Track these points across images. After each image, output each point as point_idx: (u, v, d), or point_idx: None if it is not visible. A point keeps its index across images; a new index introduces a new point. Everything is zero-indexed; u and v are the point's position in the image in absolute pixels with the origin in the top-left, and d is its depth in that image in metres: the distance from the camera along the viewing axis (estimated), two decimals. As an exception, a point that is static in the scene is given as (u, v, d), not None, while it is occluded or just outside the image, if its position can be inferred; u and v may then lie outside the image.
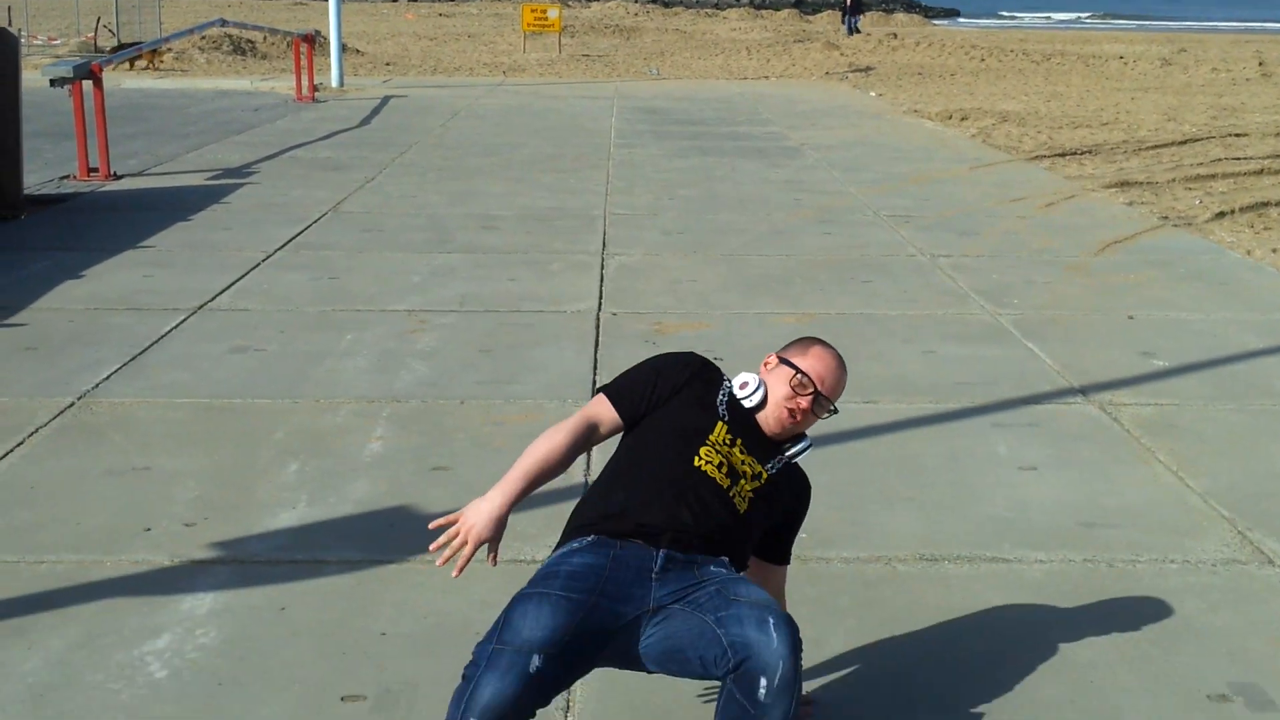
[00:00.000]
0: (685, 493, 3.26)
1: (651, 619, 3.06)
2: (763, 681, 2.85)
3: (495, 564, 3.25)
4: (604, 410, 3.46)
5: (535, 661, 2.92)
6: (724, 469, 3.31)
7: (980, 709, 3.82)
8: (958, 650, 4.18)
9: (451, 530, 3.27)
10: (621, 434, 3.53)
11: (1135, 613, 4.42)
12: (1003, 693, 3.90)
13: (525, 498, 3.36)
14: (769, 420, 3.45)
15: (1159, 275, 9.38)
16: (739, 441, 3.39)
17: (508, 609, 3.08)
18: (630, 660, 3.10)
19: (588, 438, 3.43)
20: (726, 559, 3.21)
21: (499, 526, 3.28)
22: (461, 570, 3.24)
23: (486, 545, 3.30)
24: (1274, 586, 4.63)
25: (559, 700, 3.70)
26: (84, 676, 3.90)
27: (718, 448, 3.34)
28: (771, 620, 2.93)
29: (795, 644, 2.91)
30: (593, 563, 3.16)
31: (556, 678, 2.97)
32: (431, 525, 3.26)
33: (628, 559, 3.16)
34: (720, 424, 3.40)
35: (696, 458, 3.31)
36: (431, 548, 3.28)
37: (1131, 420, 6.27)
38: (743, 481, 3.33)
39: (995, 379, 6.89)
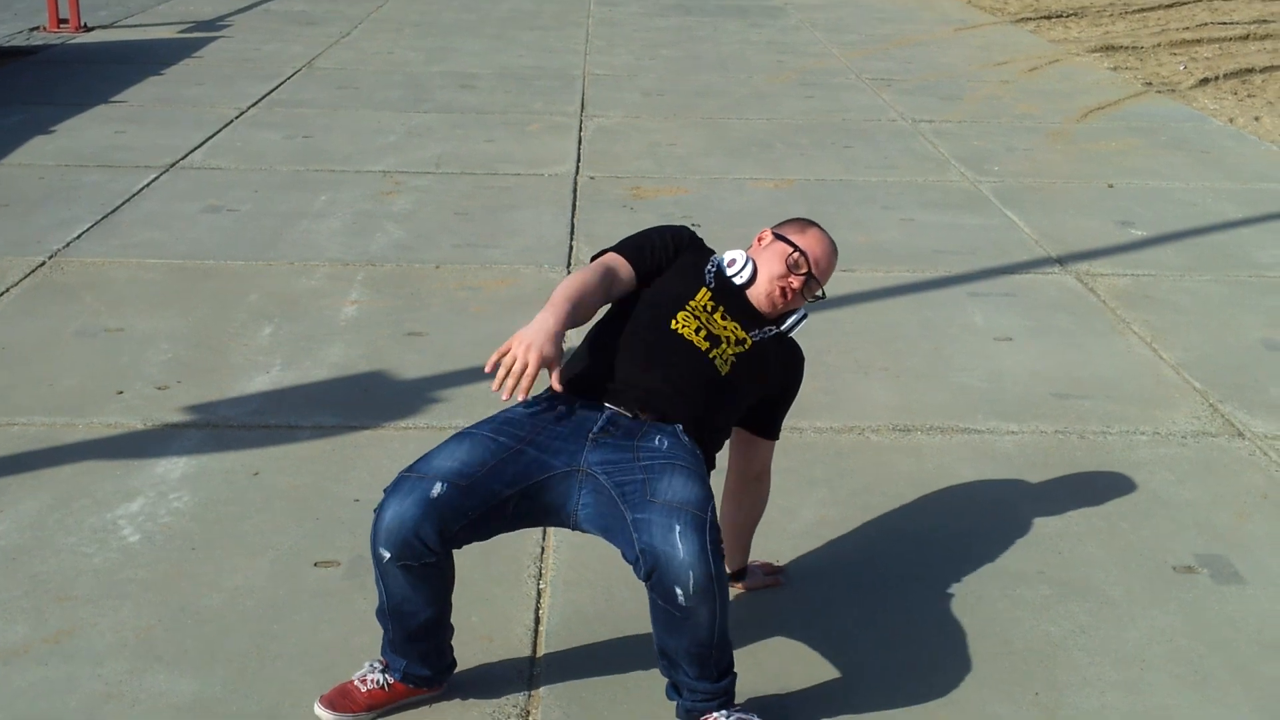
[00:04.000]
0: (656, 353, 3.19)
1: (583, 485, 2.99)
2: (678, 590, 2.77)
3: (560, 388, 3.03)
4: (617, 263, 3.36)
5: (438, 488, 2.88)
6: (702, 333, 3.24)
7: (949, 580, 3.86)
8: (928, 521, 4.21)
9: (506, 357, 3.00)
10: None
11: (1105, 484, 4.45)
12: (971, 564, 3.94)
13: (572, 325, 3.12)
14: (759, 297, 3.40)
15: (1140, 143, 9.32)
16: (721, 308, 3.34)
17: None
18: (566, 521, 3.03)
19: (609, 284, 3.28)
20: (679, 426, 3.12)
21: (558, 343, 3.04)
22: (527, 392, 2.98)
23: (547, 369, 3.02)
24: (1243, 459, 4.67)
25: (529, 590, 3.73)
26: (56, 539, 3.91)
27: (696, 313, 3.28)
28: (679, 528, 2.81)
29: (704, 548, 2.80)
30: (534, 412, 3.10)
31: (462, 509, 2.89)
32: (488, 366, 3.01)
33: (570, 415, 3.10)
34: (704, 289, 3.35)
35: (673, 321, 3.26)
36: (494, 387, 2.97)
37: (1107, 290, 6.27)
38: (724, 345, 3.26)
39: (973, 248, 6.87)
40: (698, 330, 3.25)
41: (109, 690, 3.26)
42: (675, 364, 3.19)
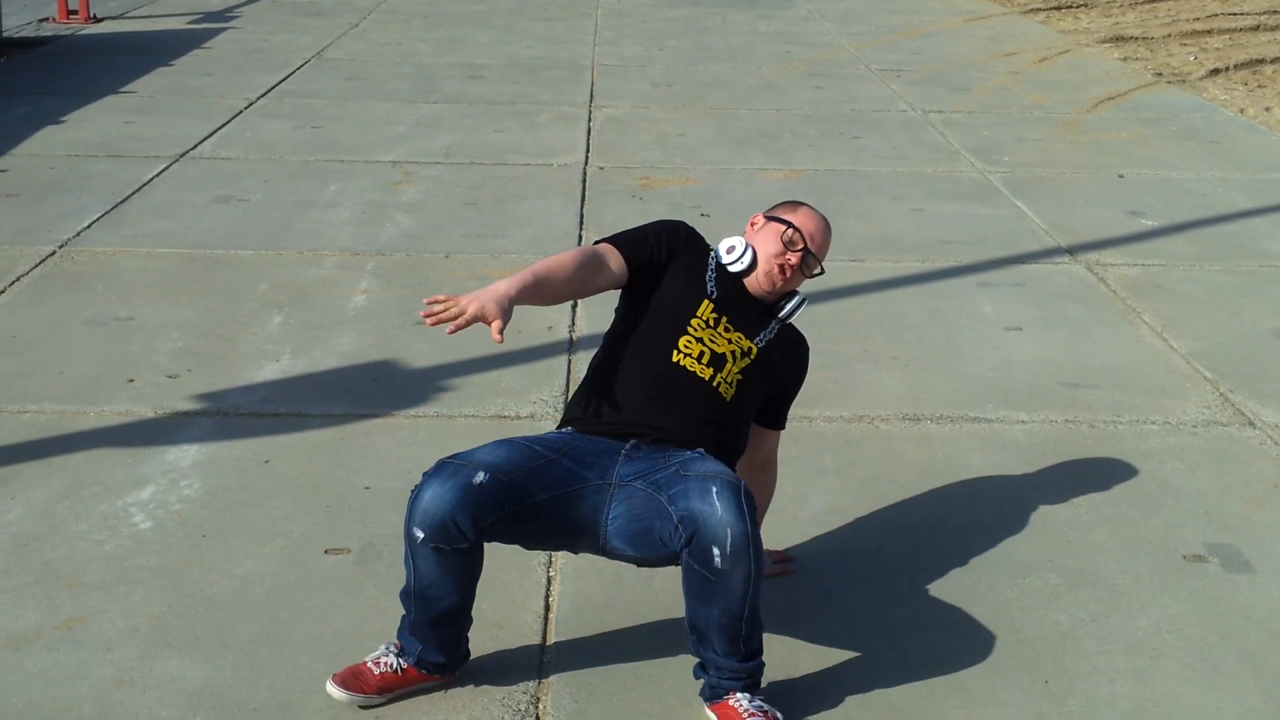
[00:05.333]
0: (661, 393, 3.25)
1: (615, 496, 3.04)
2: (715, 551, 2.83)
3: (500, 339, 3.03)
4: (609, 253, 3.39)
5: (480, 476, 2.92)
6: (705, 358, 3.27)
7: (959, 568, 3.85)
8: (937, 509, 4.21)
9: (447, 299, 3.07)
10: (619, 301, 3.48)
11: (1115, 473, 4.45)
12: (981, 553, 3.94)
13: (532, 297, 3.17)
14: (759, 280, 3.42)
15: (1151, 133, 9.30)
16: (724, 320, 3.35)
17: None
18: (597, 539, 3.06)
19: (594, 269, 3.32)
20: (702, 450, 3.18)
21: (503, 306, 3.06)
22: (455, 329, 3.02)
23: (483, 321, 3.05)
24: (1253, 448, 4.66)
25: (539, 578, 3.74)
26: (67, 527, 3.92)
27: (698, 333, 3.30)
28: (715, 489, 2.88)
29: (741, 508, 2.87)
30: (565, 434, 3.21)
31: (500, 503, 2.93)
32: (426, 300, 3.08)
33: (600, 440, 3.19)
34: (706, 302, 3.37)
35: (674, 352, 3.28)
36: (421, 314, 3.07)
37: (1118, 280, 6.26)
38: (729, 365, 3.29)
39: (983, 238, 6.86)
40: (700, 356, 3.28)
41: (120, 676, 3.26)
42: (681, 402, 3.25)
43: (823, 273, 3.54)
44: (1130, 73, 11.57)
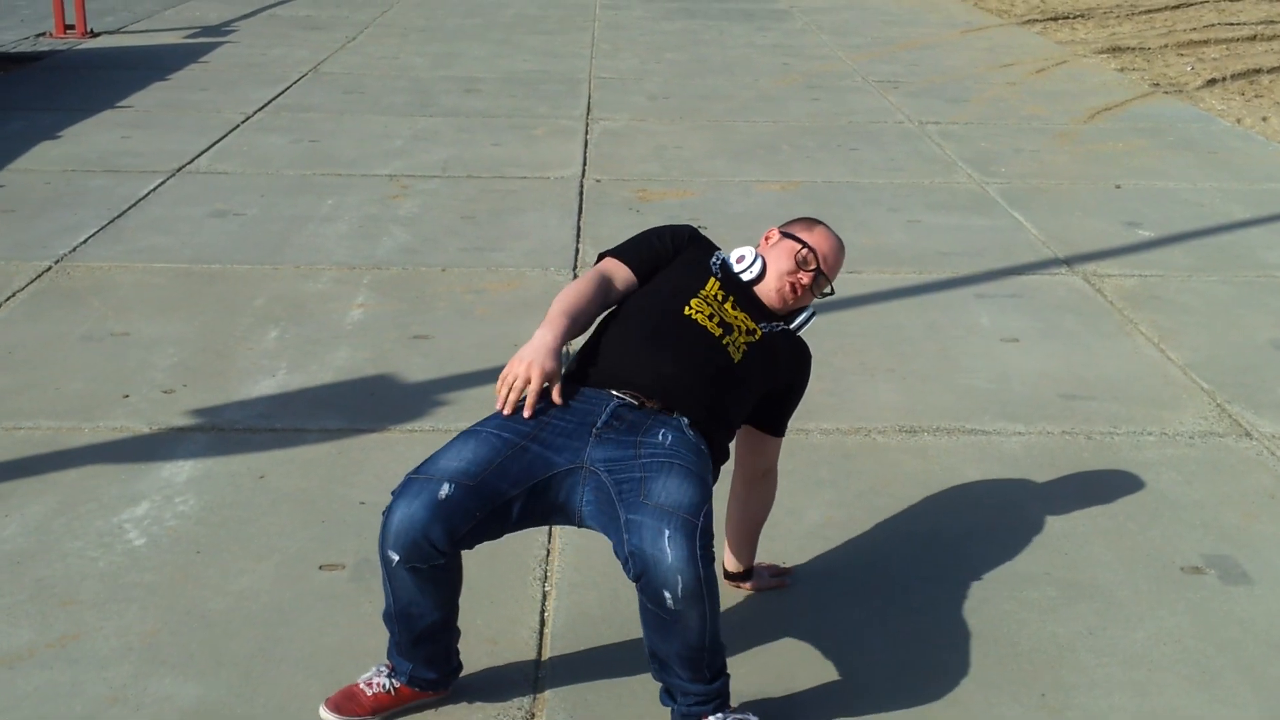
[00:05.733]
0: (668, 339, 3.18)
1: (586, 482, 2.98)
2: (665, 594, 2.77)
3: (561, 401, 3.04)
4: (614, 267, 3.37)
5: (446, 489, 2.88)
6: (715, 320, 3.25)
7: (955, 581, 3.85)
8: (934, 522, 4.20)
9: (508, 376, 3.05)
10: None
11: (1112, 485, 4.44)
12: (978, 565, 3.93)
13: (570, 335, 3.16)
14: (768, 293, 3.41)
15: (1148, 144, 9.30)
16: (731, 298, 3.34)
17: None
18: (571, 518, 3.03)
19: (606, 291, 3.30)
20: (685, 420, 3.12)
21: (558, 358, 3.08)
22: (533, 406, 3.02)
23: (549, 383, 3.07)
24: (1250, 459, 4.65)
25: (534, 592, 3.73)
26: (62, 543, 3.91)
27: (708, 300, 3.29)
28: (668, 532, 2.80)
29: (692, 553, 2.78)
30: (540, 406, 3.08)
31: (470, 510, 2.88)
32: (497, 388, 3.07)
33: (576, 408, 3.09)
34: (713, 279, 3.36)
35: (686, 307, 3.26)
36: (498, 405, 3.06)
37: (1115, 291, 6.25)
38: (737, 333, 3.26)
39: (980, 249, 6.86)
40: (710, 316, 3.25)
41: (114, 694, 3.25)
42: (688, 348, 3.19)
43: (832, 293, 3.54)
44: (1127, 83, 11.58)
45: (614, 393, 3.11)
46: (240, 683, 3.31)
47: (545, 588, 3.75)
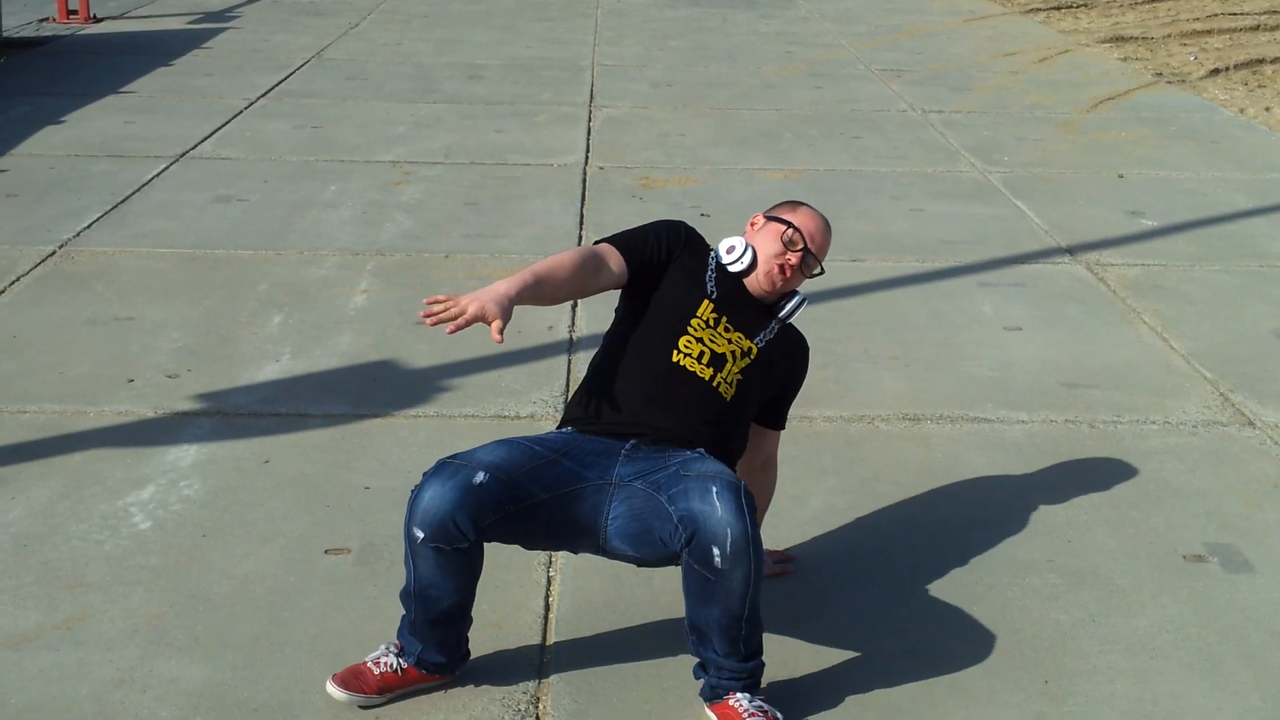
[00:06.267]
0: (661, 393, 3.25)
1: (615, 496, 3.04)
2: (715, 551, 2.83)
3: (500, 339, 3.02)
4: (607, 252, 3.39)
5: (480, 476, 2.92)
6: (705, 359, 3.28)
7: (959, 568, 3.85)
8: (937, 509, 4.21)
9: (448, 301, 3.06)
10: (618, 301, 3.48)
11: (1115, 474, 4.45)
12: (981, 553, 3.94)
13: (532, 297, 3.16)
14: (759, 280, 3.42)
15: (1151, 133, 9.30)
16: (724, 320, 3.35)
17: None
18: (597, 539, 3.06)
19: (594, 269, 3.32)
20: (702, 450, 3.18)
21: (503, 306, 3.05)
22: (455, 329, 3.01)
23: (484, 321, 3.04)
24: (1253, 448, 4.66)
25: (539, 578, 3.74)
26: (67, 526, 3.92)
27: (698, 333, 3.30)
28: (715, 489, 2.89)
29: (740, 508, 2.87)
30: (564, 434, 3.21)
31: (499, 503, 2.93)
32: (426, 300, 3.07)
33: (600, 439, 3.19)
34: (706, 302, 3.37)
35: (674, 352, 3.28)
36: (421, 314, 3.07)
37: (1118, 280, 6.26)
38: (729, 365, 3.29)
39: (983, 238, 6.86)
40: (700, 356, 3.28)
41: (120, 676, 3.26)
42: (681, 401, 3.26)
43: (823, 273, 3.55)
44: (1130, 73, 11.57)
45: (631, 436, 3.21)
46: (245, 665, 3.32)
47: (550, 573, 3.76)
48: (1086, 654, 3.48)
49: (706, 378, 3.27)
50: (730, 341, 3.33)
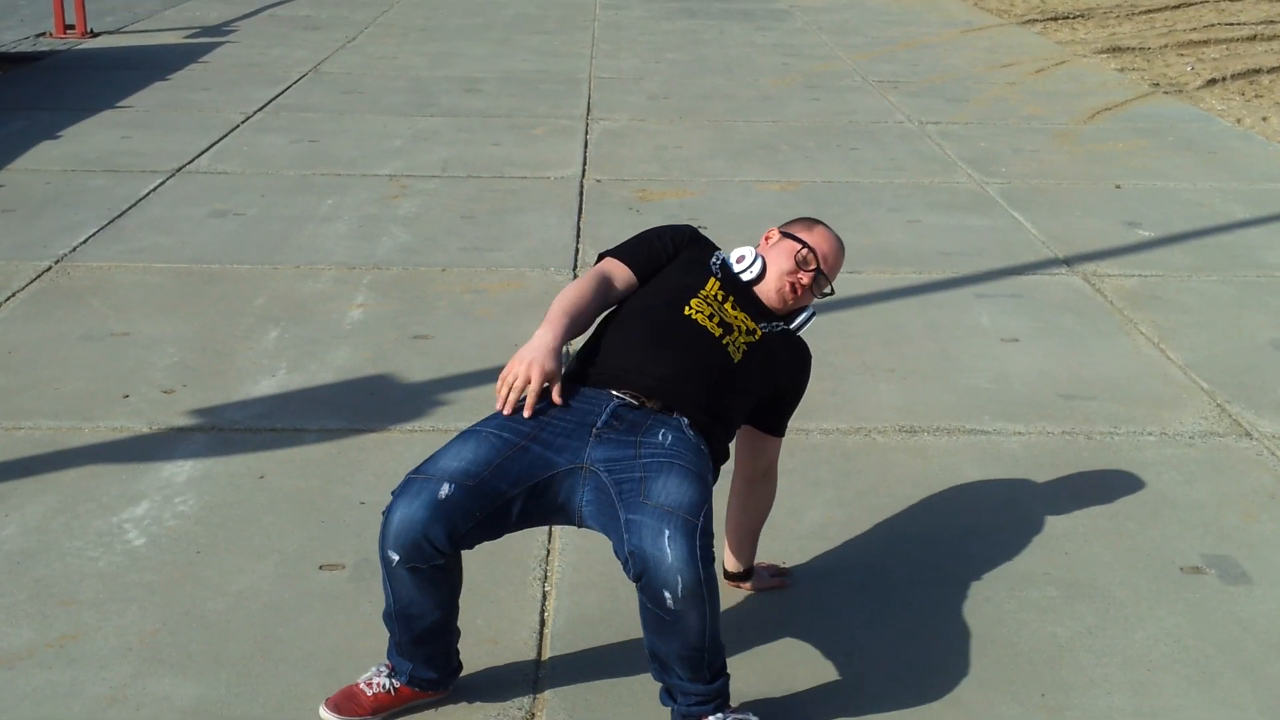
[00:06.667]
0: (667, 340, 3.19)
1: (586, 482, 2.99)
2: (665, 595, 2.77)
3: (560, 401, 3.04)
4: (614, 267, 3.37)
5: (446, 489, 2.88)
6: (715, 319, 3.25)
7: (955, 581, 3.85)
8: (934, 522, 4.20)
9: (508, 376, 3.05)
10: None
11: (1112, 485, 4.44)
12: (978, 564, 3.93)
13: (570, 335, 3.16)
14: (769, 293, 3.41)
15: (1148, 144, 9.30)
16: (731, 298, 3.34)
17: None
18: (572, 518, 3.02)
19: (606, 290, 3.31)
20: (685, 420, 3.11)
21: (558, 358, 3.08)
22: (533, 406, 3.02)
23: (549, 383, 3.06)
24: (1250, 459, 4.65)
25: (534, 593, 3.73)
26: (62, 543, 3.91)
27: (709, 300, 3.29)
28: (668, 532, 2.80)
29: (693, 552, 2.79)
30: (540, 406, 3.08)
31: (470, 510, 2.89)
32: (497, 388, 3.06)
33: (576, 407, 3.09)
34: (713, 279, 3.36)
35: (686, 307, 3.26)
36: (498, 405, 3.06)
37: (1115, 291, 6.25)
38: (736, 333, 3.26)
39: (980, 249, 6.86)
40: (710, 317, 3.25)
41: (113, 694, 3.25)
42: (688, 348, 3.19)
43: (833, 293, 3.54)
44: (1127, 83, 11.58)
45: (614, 393, 3.11)
46: (239, 682, 3.31)
47: (545, 588, 3.75)
48: (1084, 667, 3.47)
49: (716, 334, 3.23)
50: (737, 318, 3.31)
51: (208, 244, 6.63)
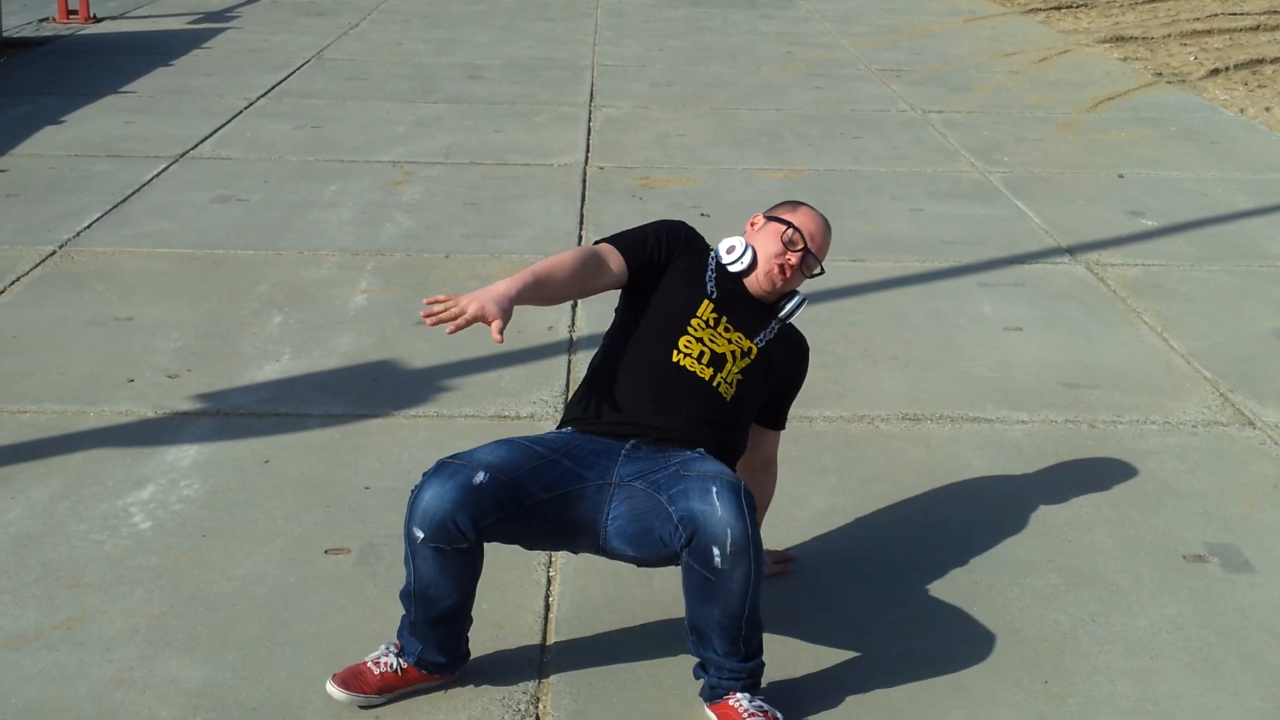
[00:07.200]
0: (661, 394, 3.25)
1: (615, 496, 3.05)
2: (715, 551, 2.83)
3: (500, 339, 3.02)
4: (608, 252, 3.39)
5: (480, 476, 2.92)
6: (705, 358, 3.28)
7: (959, 568, 3.85)
8: (937, 509, 4.21)
9: (448, 300, 3.06)
10: (618, 301, 3.48)
11: (1115, 474, 4.45)
12: (981, 552, 3.94)
13: (532, 297, 3.17)
14: (759, 280, 3.42)
15: (1150, 133, 9.30)
16: (724, 320, 3.36)
17: None
18: (597, 539, 3.06)
19: (594, 269, 3.32)
20: (702, 450, 3.18)
21: (503, 306, 3.05)
22: (455, 329, 3.01)
23: (484, 321, 3.04)
24: (1253, 448, 4.66)
25: (539, 578, 3.74)
26: (67, 527, 3.92)
27: (698, 333, 3.31)
28: (715, 489, 2.89)
29: (741, 508, 2.87)
30: (564, 435, 3.21)
31: (499, 502, 2.93)
32: (425, 300, 3.07)
33: (600, 439, 3.20)
34: (706, 302, 3.37)
35: (674, 352, 3.28)
36: (422, 314, 3.07)
37: (1118, 280, 6.26)
38: (729, 365, 3.30)
39: (983, 238, 6.86)
40: (700, 356, 3.29)
41: (120, 676, 3.26)
42: (682, 402, 3.26)
43: (823, 273, 3.55)
44: (1130, 73, 11.57)
45: (630, 437, 3.21)
46: (245, 665, 3.32)
47: (550, 573, 3.76)
48: (1086, 654, 3.48)
49: (706, 378, 3.27)
50: (730, 341, 3.34)
51: (211, 229, 6.64)
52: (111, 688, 3.22)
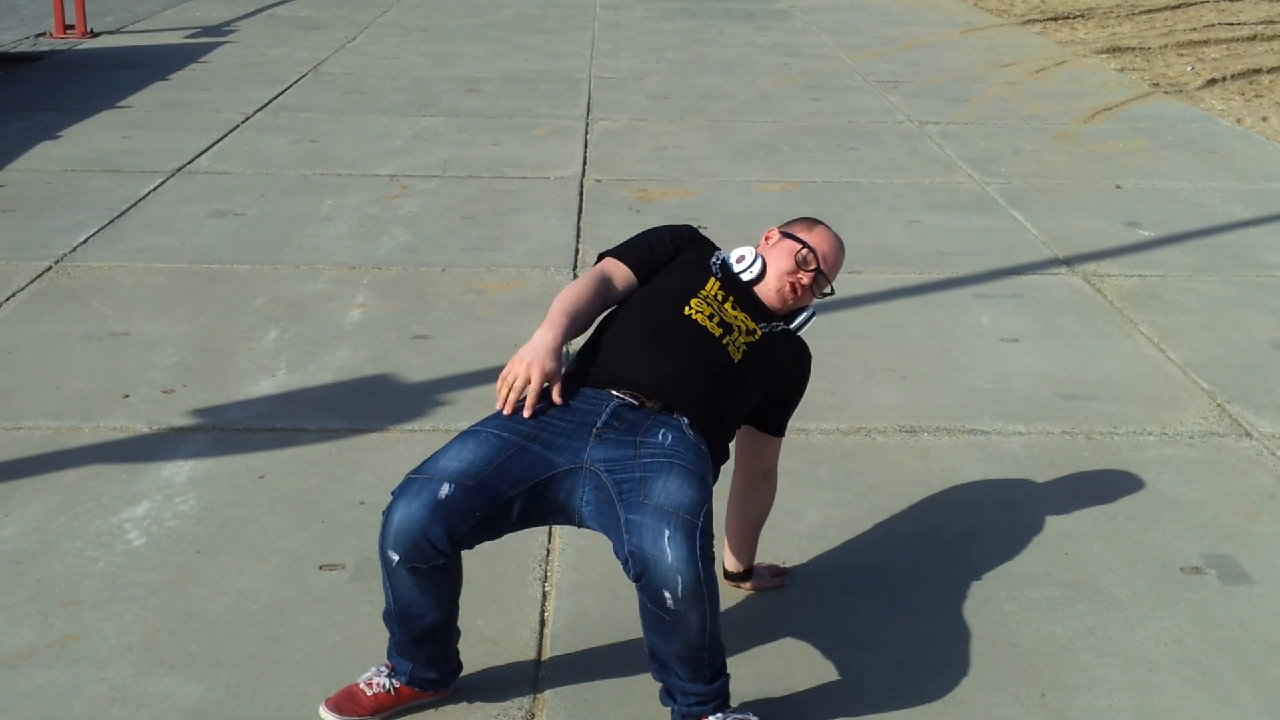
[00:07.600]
0: (667, 340, 3.18)
1: (586, 482, 2.99)
2: (666, 595, 2.78)
3: (561, 401, 3.04)
4: (614, 267, 3.37)
5: (446, 489, 2.88)
6: (715, 320, 3.24)
7: (955, 581, 3.85)
8: (934, 522, 4.20)
9: (507, 376, 3.06)
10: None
11: (1112, 485, 4.44)
12: (978, 565, 3.93)
13: (572, 335, 3.16)
14: (768, 293, 3.41)
15: (1148, 143, 9.30)
16: (731, 298, 3.34)
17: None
18: (572, 518, 3.03)
19: (606, 290, 3.31)
20: (685, 419, 3.11)
21: (558, 358, 3.08)
22: (533, 406, 3.03)
23: (548, 383, 3.07)
24: (1250, 459, 4.65)
25: (534, 593, 3.73)
26: (62, 543, 3.91)
27: (709, 300, 3.29)
28: (668, 532, 2.80)
29: (693, 551, 2.79)
30: (540, 406, 3.08)
31: (470, 511, 2.88)
32: (497, 388, 3.07)
33: (577, 407, 3.09)
34: (713, 279, 3.36)
35: (686, 307, 3.26)
36: (498, 405, 3.06)
37: (1115, 291, 6.25)
38: (736, 333, 3.26)
39: (980, 249, 6.86)
40: (710, 316, 3.25)
41: (114, 694, 3.25)
42: (689, 348, 3.19)
43: (832, 293, 3.54)
44: (1127, 83, 11.58)
45: (614, 393, 3.11)
46: (240, 683, 3.31)
47: (545, 588, 3.75)
48: (1084, 667, 3.47)
49: (716, 335, 3.23)
50: (737, 318, 3.31)
51: (208, 244, 6.63)
52: (106, 705, 3.21)
